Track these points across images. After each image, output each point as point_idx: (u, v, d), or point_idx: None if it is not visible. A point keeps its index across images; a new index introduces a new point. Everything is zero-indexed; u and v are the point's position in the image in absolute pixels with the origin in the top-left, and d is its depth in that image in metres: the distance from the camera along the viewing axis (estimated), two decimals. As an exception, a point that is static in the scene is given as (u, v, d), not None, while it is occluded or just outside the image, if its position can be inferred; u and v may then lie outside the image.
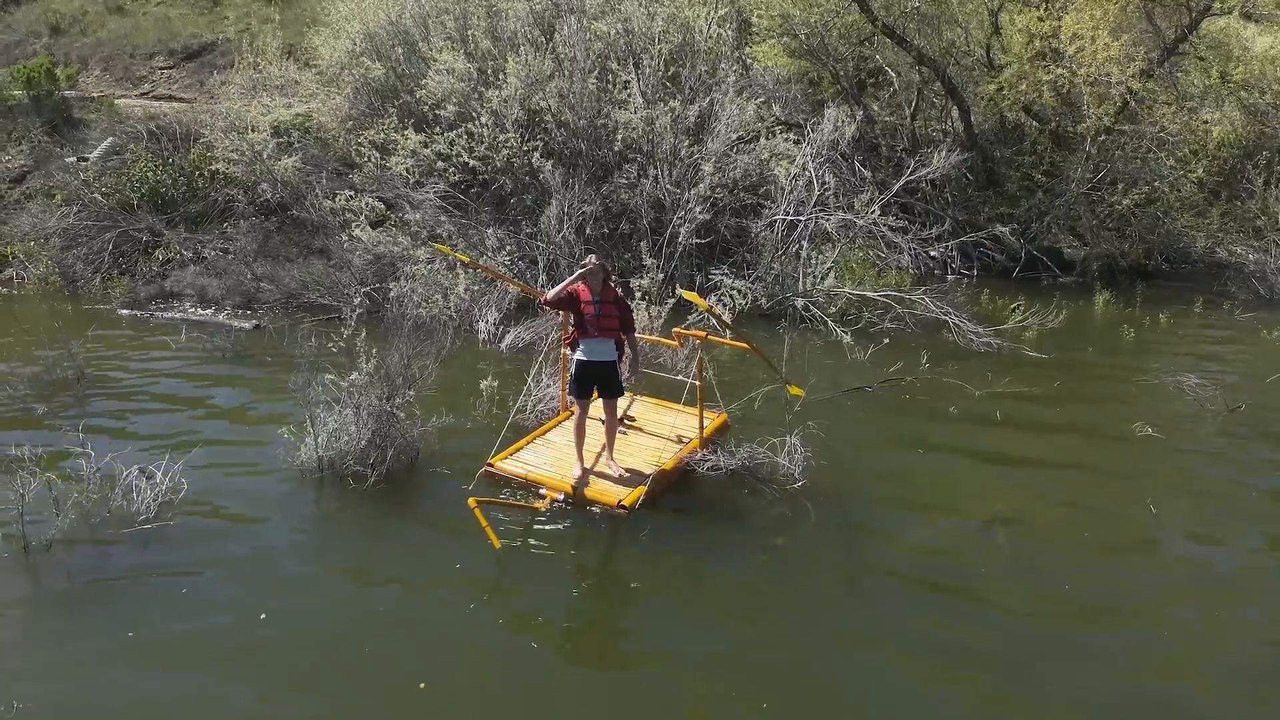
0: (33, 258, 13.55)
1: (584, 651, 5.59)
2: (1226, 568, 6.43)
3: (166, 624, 5.48)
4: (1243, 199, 15.70)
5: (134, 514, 6.38)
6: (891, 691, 5.14)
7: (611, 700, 5.11)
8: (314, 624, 5.57)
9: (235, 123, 14.10)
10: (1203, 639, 5.60)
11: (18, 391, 8.82)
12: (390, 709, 4.90)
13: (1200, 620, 5.78)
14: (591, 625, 5.88)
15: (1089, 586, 6.10)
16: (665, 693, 5.13)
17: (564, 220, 12.29)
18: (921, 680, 5.21)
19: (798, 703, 5.00)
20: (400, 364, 7.21)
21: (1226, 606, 5.92)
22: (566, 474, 7.02)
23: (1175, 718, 4.98)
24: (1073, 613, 5.83)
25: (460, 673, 5.22)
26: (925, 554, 6.48)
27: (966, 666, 5.33)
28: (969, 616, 5.81)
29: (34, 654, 5.26)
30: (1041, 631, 5.64)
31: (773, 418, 8.30)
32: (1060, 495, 7.35)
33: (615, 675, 5.39)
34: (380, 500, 6.84)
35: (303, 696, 4.98)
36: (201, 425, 8.20)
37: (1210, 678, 5.27)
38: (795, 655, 5.39)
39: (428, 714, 4.90)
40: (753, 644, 5.53)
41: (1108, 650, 5.47)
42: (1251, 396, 9.30)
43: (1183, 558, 6.57)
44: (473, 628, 5.59)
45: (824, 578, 6.21)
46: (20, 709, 4.74)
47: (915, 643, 5.52)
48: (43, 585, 5.87)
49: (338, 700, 4.95)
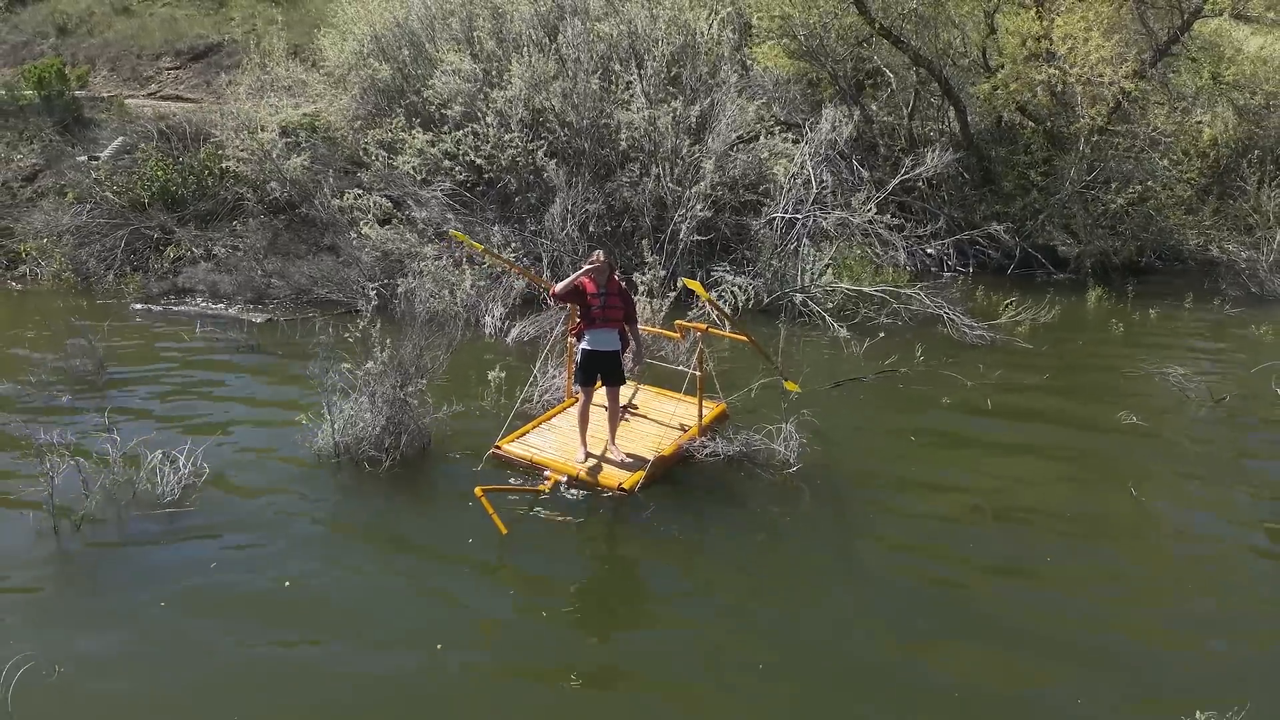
0: (46, 255, 13.83)
1: (589, 616, 5.95)
2: (1201, 546, 6.76)
3: (198, 592, 5.86)
4: (1235, 197, 15.97)
5: (159, 496, 6.70)
6: (881, 653, 5.48)
7: (616, 659, 5.50)
8: (335, 592, 5.94)
9: (245, 123, 14.37)
10: (1171, 600, 6.05)
11: (40, 381, 9.11)
12: (410, 667, 5.26)
13: (1172, 586, 6.21)
14: (596, 592, 6.23)
15: (1070, 559, 6.45)
16: (666, 653, 5.48)
17: (568, 218, 12.58)
18: (911, 645, 5.55)
19: (792, 662, 5.35)
20: (413, 354, 7.50)
21: (1197, 577, 6.29)
22: (571, 458, 7.35)
23: (1134, 662, 5.44)
24: (1054, 579, 6.21)
25: (474, 635, 5.62)
26: (915, 531, 6.83)
27: (953, 633, 5.67)
28: (956, 586, 6.16)
29: (71, 621, 5.60)
30: (1026, 596, 6.02)
31: (769, 407, 8.59)
32: (1046, 479, 7.67)
33: (619, 635, 5.79)
34: (395, 483, 7.17)
35: (327, 652, 5.37)
36: (219, 413, 8.51)
37: (1172, 633, 5.75)
38: (790, 621, 5.74)
39: (445, 672, 5.26)
40: (749, 610, 5.87)
41: (1086, 611, 5.88)
42: (1236, 388, 9.59)
43: (1160, 535, 6.91)
44: (484, 595, 6.00)
45: (817, 552, 6.55)
46: (61, 672, 5.05)
47: (904, 610, 5.86)
48: (75, 561, 6.19)
49: (359, 658, 5.32)
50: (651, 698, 5.16)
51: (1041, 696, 5.15)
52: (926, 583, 6.20)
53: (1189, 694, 5.00)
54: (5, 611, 5.65)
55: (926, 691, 5.15)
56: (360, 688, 5.09)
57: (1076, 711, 5.01)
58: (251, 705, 4.95)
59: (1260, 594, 6.15)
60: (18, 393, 8.84)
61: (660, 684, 5.25)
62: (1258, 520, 7.10)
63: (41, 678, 5.00)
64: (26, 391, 8.86)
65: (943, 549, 6.60)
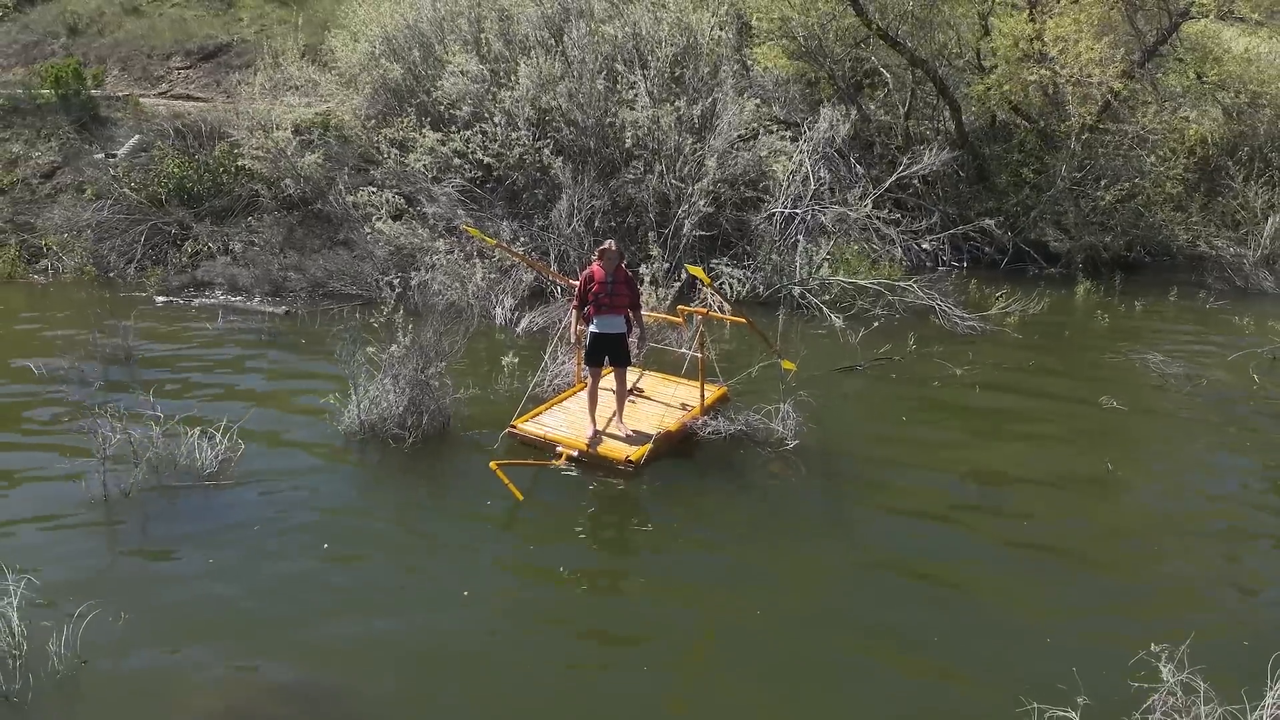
0: (68, 249, 14.28)
1: (599, 570, 6.61)
2: (1169, 513, 7.39)
3: (243, 552, 6.48)
4: (1222, 194, 16.40)
5: (199, 469, 7.21)
6: (870, 604, 6.08)
7: (625, 606, 6.17)
8: (369, 549, 6.58)
9: (261, 122, 14.83)
10: (1135, 562, 6.70)
11: (73, 367, 9.57)
12: (440, 610, 5.92)
13: (1138, 547, 6.89)
14: (605, 550, 6.90)
15: (1045, 524, 7.10)
16: (670, 603, 6.10)
17: (574, 214, 13.05)
18: (900, 595, 6.19)
19: (787, 611, 5.91)
20: (433, 339, 7.98)
21: (1160, 540, 6.94)
22: (581, 434, 7.87)
23: (1098, 604, 6.16)
24: (1030, 543, 6.86)
25: (496, 583, 6.30)
26: (903, 500, 7.41)
27: (939, 586, 6.29)
28: (940, 548, 6.78)
29: (130, 578, 6.18)
30: (1006, 556, 6.68)
31: (768, 389, 9.08)
32: (1029, 455, 8.25)
33: (627, 584, 6.46)
34: (418, 457, 7.74)
35: (365, 599, 6.02)
36: (248, 396, 9.02)
37: (1133, 579, 6.48)
38: (785, 576, 6.35)
39: (472, 614, 5.93)
40: (747, 566, 6.49)
41: (1057, 566, 6.56)
42: (1213, 374, 10.06)
43: (1131, 504, 7.54)
44: (504, 550, 6.67)
45: (812, 518, 7.14)
46: (127, 619, 5.56)
47: (891, 568, 6.47)
48: (128, 525, 6.78)
49: (395, 603, 6.00)
50: (652, 640, 5.76)
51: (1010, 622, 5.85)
52: (910, 541, 6.84)
53: (1147, 631, 5.50)
54: (71, 569, 6.20)
55: (902, 631, 5.80)
56: (394, 630, 5.72)
57: (1053, 640, 5.66)
58: (306, 639, 5.63)
59: (1211, 553, 6.78)
60: (55, 373, 9.32)
61: (659, 630, 5.86)
62: (1221, 494, 7.71)
63: (109, 624, 5.52)
64: (62, 373, 9.34)
65: (928, 515, 7.17)
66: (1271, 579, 6.46)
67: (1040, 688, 4.90)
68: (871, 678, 5.41)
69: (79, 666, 5.23)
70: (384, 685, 5.22)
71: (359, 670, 5.33)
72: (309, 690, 5.19)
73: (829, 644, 5.65)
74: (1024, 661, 5.45)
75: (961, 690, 5.26)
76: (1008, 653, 5.57)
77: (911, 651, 5.58)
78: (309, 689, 5.19)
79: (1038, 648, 5.60)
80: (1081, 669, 5.09)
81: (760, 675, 5.34)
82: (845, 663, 5.54)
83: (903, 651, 5.59)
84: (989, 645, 5.66)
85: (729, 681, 5.34)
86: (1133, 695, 4.71)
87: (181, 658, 5.40)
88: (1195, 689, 4.39)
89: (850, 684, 5.35)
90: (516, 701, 5.15)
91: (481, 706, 5.13)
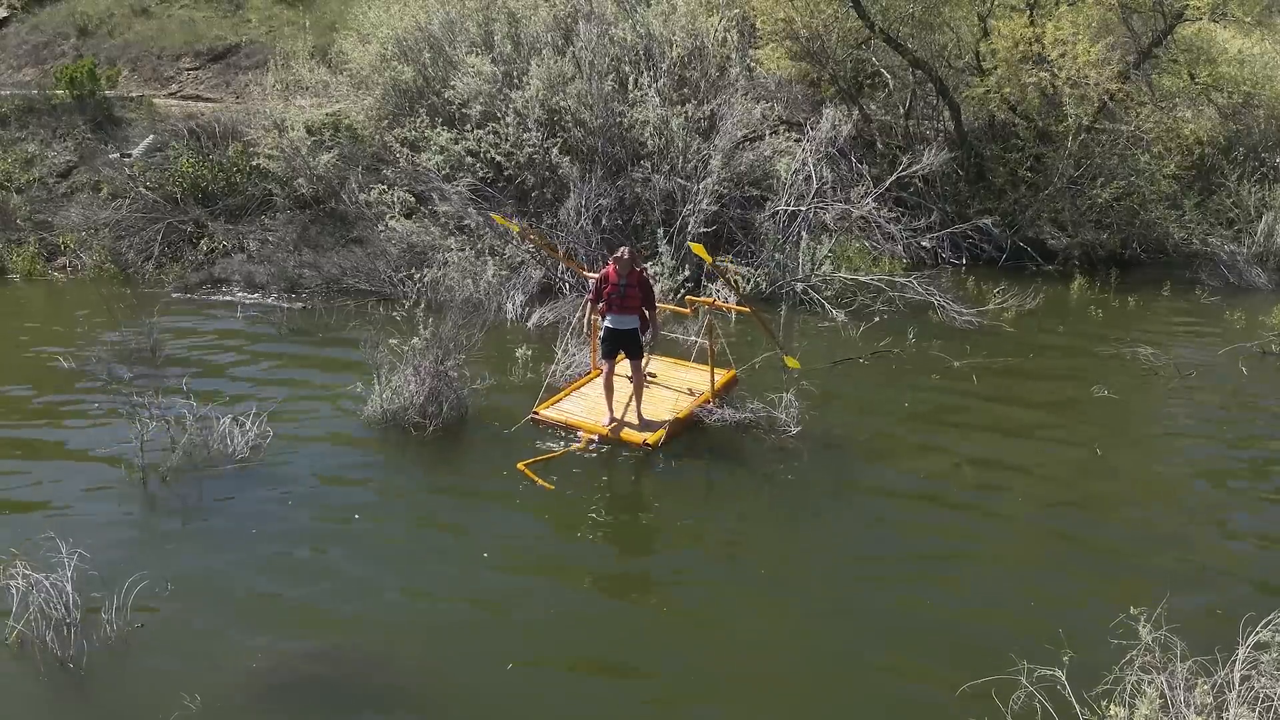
0: (86, 247, 14.61)
1: (617, 543, 7.14)
2: (1151, 492, 7.87)
3: (277, 528, 6.93)
4: (1217, 192, 16.72)
5: (231, 454, 7.59)
6: (868, 583, 6.52)
7: (642, 578, 6.74)
8: (395, 527, 7.06)
9: (276, 122, 15.17)
10: (1120, 537, 7.21)
11: (104, 361, 9.92)
12: (466, 575, 6.43)
13: (1122, 523, 7.40)
14: (623, 526, 7.41)
15: (1036, 504, 7.56)
16: (678, 575, 6.65)
17: (582, 212, 13.39)
18: (898, 575, 6.60)
19: (789, 588, 6.38)
20: (452, 331, 8.34)
21: (1142, 516, 7.45)
22: (600, 420, 8.36)
23: (1083, 570, 6.74)
24: (1021, 520, 7.35)
25: (519, 551, 6.77)
26: (902, 484, 7.83)
27: (936, 567, 6.69)
28: (937, 527, 7.22)
29: (174, 552, 6.62)
30: (998, 531, 7.18)
31: (772, 380, 9.46)
32: (1022, 442, 8.65)
33: (642, 558, 7.06)
34: (439, 444, 8.16)
35: (394, 570, 6.49)
36: (272, 387, 9.38)
37: (1116, 553, 6.98)
38: (787, 555, 6.81)
39: (496, 578, 6.42)
40: (751, 542, 6.95)
41: (1047, 538, 7.13)
42: (1202, 366, 10.41)
43: (1116, 485, 7.99)
44: (528, 523, 7.15)
45: (814, 501, 7.54)
46: (172, 589, 5.93)
47: (889, 549, 6.93)
48: (167, 504, 7.23)
49: (425, 570, 6.53)
50: (664, 603, 6.31)
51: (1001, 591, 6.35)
52: (909, 522, 7.26)
53: (1128, 595, 5.86)
54: (119, 545, 6.60)
55: (894, 606, 6.23)
56: (421, 601, 6.18)
57: (1038, 604, 6.18)
58: (337, 609, 6.05)
59: (1188, 528, 7.27)
60: (86, 367, 9.67)
61: (669, 595, 6.42)
62: (1199, 474, 8.19)
63: (157, 593, 5.89)
64: (93, 367, 9.69)
65: (926, 498, 7.59)
66: (1241, 551, 7.05)
67: (1029, 649, 5.23)
68: (868, 620, 6.02)
69: (129, 634, 5.59)
70: (412, 652, 5.62)
71: (388, 639, 5.71)
72: (342, 656, 5.56)
73: (815, 608, 6.17)
74: (1014, 624, 5.96)
75: (955, 652, 5.69)
76: (999, 616, 6.07)
77: (905, 619, 6.05)
78: (342, 655, 5.57)
79: (1024, 610, 6.13)
80: (1067, 630, 5.54)
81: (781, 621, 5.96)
82: (849, 601, 6.17)
83: (896, 618, 6.07)
84: (982, 612, 6.12)
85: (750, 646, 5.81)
86: (1114, 651, 5.09)
87: (224, 624, 5.79)
88: (1172, 647, 4.74)
89: (847, 631, 5.94)
90: (536, 663, 5.60)
91: (503, 674, 5.51)
